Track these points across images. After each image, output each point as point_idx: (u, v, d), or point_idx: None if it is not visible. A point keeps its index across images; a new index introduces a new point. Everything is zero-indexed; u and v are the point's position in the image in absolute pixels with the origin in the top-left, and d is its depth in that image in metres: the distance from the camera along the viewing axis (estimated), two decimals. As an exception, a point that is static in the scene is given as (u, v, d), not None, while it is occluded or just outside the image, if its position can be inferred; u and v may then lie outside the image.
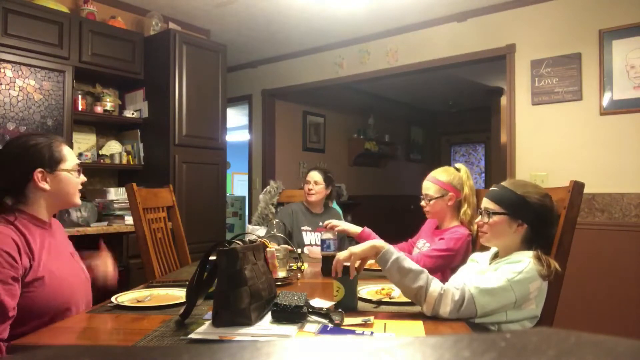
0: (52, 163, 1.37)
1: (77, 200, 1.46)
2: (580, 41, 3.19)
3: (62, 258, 1.40)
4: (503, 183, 1.49)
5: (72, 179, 1.42)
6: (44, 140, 1.40)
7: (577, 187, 1.46)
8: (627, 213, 3.00)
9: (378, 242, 1.36)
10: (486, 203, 1.46)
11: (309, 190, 2.78)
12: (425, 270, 1.27)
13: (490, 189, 1.51)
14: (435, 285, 1.23)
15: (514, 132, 3.46)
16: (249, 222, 3.92)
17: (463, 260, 1.90)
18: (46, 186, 1.36)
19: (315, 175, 2.78)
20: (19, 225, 1.29)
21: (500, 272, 1.31)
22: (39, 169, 1.35)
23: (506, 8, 3.52)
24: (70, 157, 1.42)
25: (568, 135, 3.23)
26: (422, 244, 2.16)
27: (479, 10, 3.63)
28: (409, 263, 1.27)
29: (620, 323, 2.97)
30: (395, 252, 1.30)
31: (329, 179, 2.84)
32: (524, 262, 1.31)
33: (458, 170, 2.12)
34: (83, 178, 1.48)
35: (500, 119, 5.69)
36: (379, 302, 1.38)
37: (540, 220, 1.40)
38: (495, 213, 1.42)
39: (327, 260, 1.91)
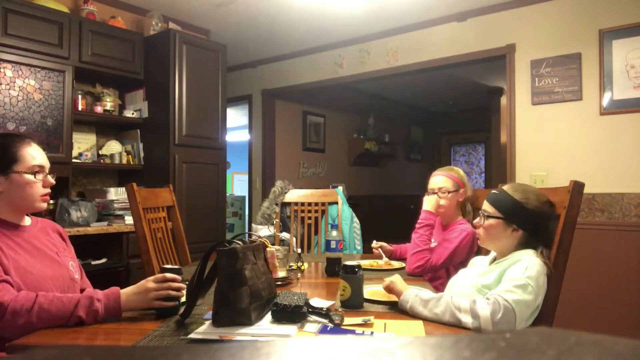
0: (3, 165, 1.32)
1: (39, 204, 1.38)
2: (580, 41, 3.19)
3: (38, 257, 1.36)
4: (504, 187, 1.48)
5: (28, 182, 1.34)
6: (0, 141, 1.36)
7: (577, 187, 1.46)
8: (627, 213, 3.00)
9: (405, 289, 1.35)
10: (485, 205, 1.48)
11: None
12: (444, 294, 1.28)
13: (492, 191, 1.51)
14: (463, 298, 1.23)
15: (514, 132, 3.45)
16: (254, 221, 3.90)
17: (467, 256, 1.90)
18: None
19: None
20: None
21: (510, 273, 1.30)
22: None
23: (506, 8, 3.52)
24: (28, 159, 1.35)
25: (568, 135, 3.22)
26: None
27: (479, 10, 3.63)
28: (427, 293, 1.28)
29: (620, 323, 2.97)
30: (413, 289, 1.32)
31: None
32: (527, 259, 1.32)
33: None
34: (50, 181, 1.40)
35: (500, 119, 5.68)
36: (384, 303, 1.38)
37: (537, 226, 1.41)
38: (491, 216, 1.43)
39: (331, 262, 1.91)
